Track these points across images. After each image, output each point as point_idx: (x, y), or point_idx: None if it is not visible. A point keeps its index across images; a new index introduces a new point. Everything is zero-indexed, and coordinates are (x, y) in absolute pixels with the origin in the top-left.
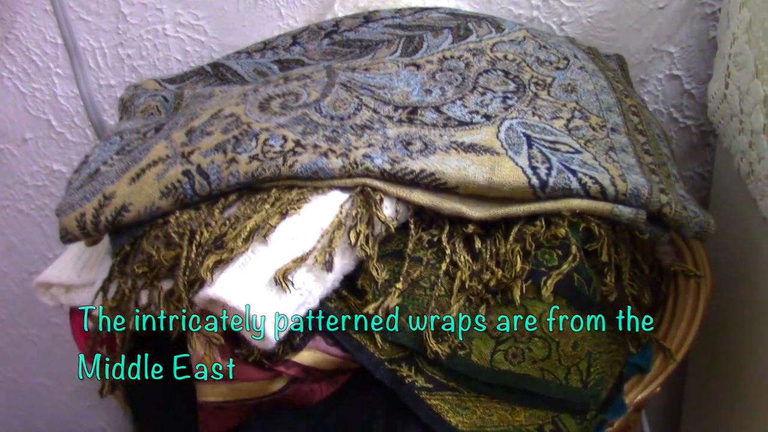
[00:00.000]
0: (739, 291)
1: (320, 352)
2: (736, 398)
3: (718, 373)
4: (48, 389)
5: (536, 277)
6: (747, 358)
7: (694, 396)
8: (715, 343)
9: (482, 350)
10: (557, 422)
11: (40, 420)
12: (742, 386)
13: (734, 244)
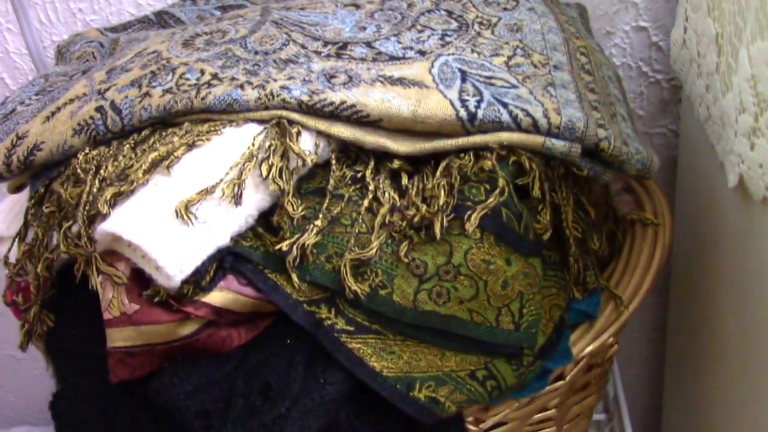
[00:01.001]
0: (705, 246)
1: (232, 292)
2: (716, 363)
3: (696, 339)
4: (20, 363)
5: (461, 211)
6: (721, 318)
7: (674, 372)
8: (690, 306)
9: (405, 289)
10: (490, 368)
11: (12, 394)
12: (719, 349)
13: (701, 196)
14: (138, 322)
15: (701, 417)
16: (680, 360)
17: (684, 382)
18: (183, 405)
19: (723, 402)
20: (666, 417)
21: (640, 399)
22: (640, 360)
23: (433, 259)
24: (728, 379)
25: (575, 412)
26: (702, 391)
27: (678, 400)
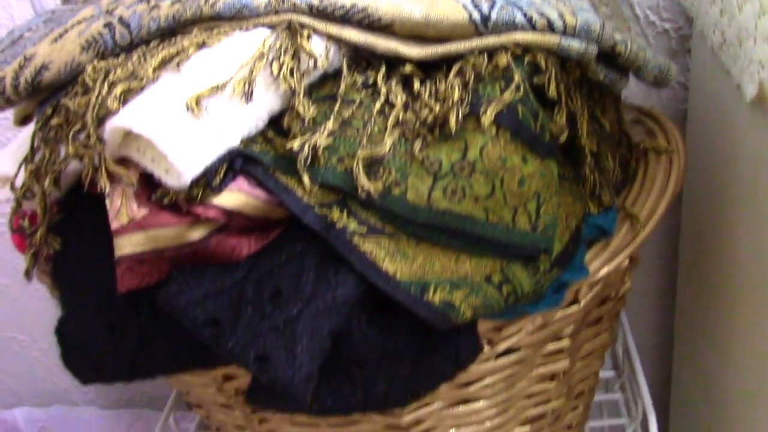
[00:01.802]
0: (720, 185)
1: (243, 193)
2: (731, 316)
3: (709, 295)
4: (21, 345)
5: (476, 106)
6: (742, 264)
7: (685, 336)
8: (703, 257)
9: (419, 188)
10: (506, 273)
11: (12, 378)
12: (736, 301)
13: (714, 150)
14: (147, 225)
15: (714, 379)
16: (691, 321)
17: (696, 344)
18: (192, 313)
19: (739, 360)
20: (676, 382)
21: (649, 365)
22: (648, 328)
23: (448, 156)
24: (744, 332)
25: (588, 349)
26: (715, 348)
27: (689, 365)
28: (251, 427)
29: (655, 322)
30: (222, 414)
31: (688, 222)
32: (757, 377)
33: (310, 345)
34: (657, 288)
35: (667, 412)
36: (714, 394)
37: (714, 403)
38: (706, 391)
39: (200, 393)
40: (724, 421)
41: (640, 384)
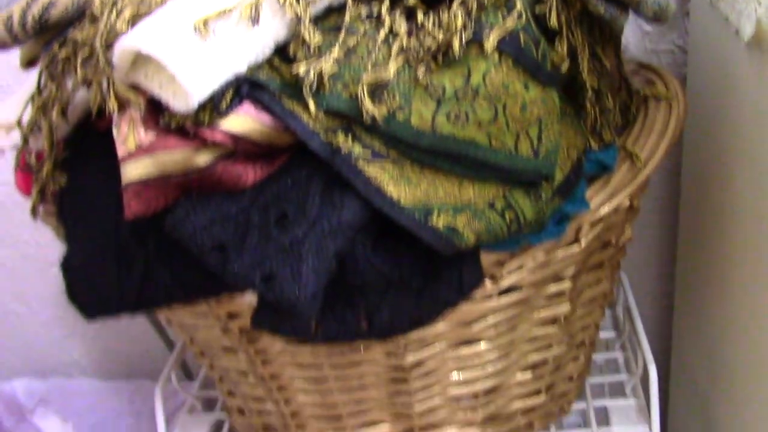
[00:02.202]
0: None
1: (249, 118)
2: (732, 272)
3: (707, 233)
4: (20, 317)
5: (478, 33)
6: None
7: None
8: (702, 196)
9: (423, 112)
10: (509, 199)
11: (11, 351)
12: (736, 255)
13: (713, 113)
14: (154, 149)
15: (714, 344)
16: (692, 285)
17: (696, 308)
18: (198, 239)
19: (740, 321)
20: (676, 349)
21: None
22: (649, 299)
23: (451, 82)
24: (745, 290)
25: (589, 295)
26: (716, 311)
27: (689, 333)
28: (254, 371)
29: (655, 293)
30: (226, 360)
31: (687, 187)
32: (758, 338)
33: (316, 265)
34: (658, 257)
35: (667, 381)
36: (714, 357)
37: (715, 368)
38: (707, 356)
39: (205, 337)
40: (723, 385)
41: (641, 339)
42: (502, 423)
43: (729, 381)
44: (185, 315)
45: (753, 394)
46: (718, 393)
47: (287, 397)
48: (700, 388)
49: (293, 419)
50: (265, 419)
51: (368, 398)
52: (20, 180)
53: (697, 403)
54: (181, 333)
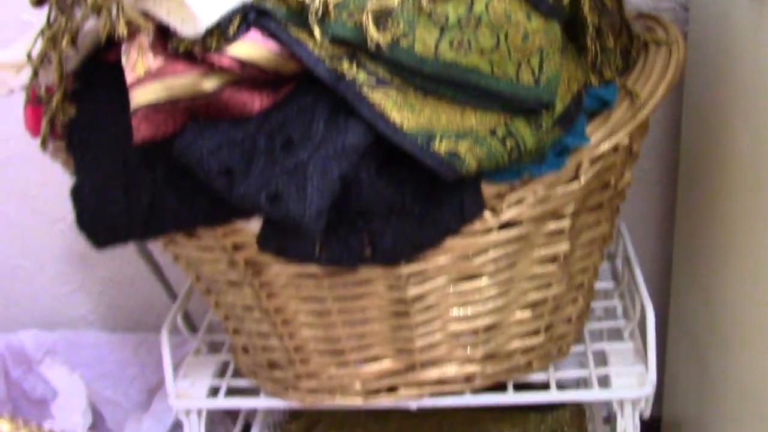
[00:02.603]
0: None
1: (256, 44)
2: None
3: (706, 187)
4: (27, 272)
5: None
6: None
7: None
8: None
9: (426, 39)
10: (510, 127)
11: (18, 306)
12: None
13: (713, 69)
14: (162, 74)
15: (712, 289)
16: (691, 236)
17: (694, 255)
18: (206, 162)
19: (738, 272)
20: (674, 303)
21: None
22: (647, 255)
23: (455, 9)
24: (743, 239)
25: (588, 237)
26: (715, 260)
27: (688, 288)
28: (259, 305)
29: (654, 249)
30: (231, 295)
31: (687, 143)
32: (754, 287)
33: (320, 184)
34: (657, 213)
35: (665, 331)
36: (712, 306)
37: (712, 317)
38: (704, 305)
39: (211, 273)
40: (720, 333)
41: (639, 284)
42: (501, 361)
43: (726, 329)
44: (192, 249)
45: (749, 341)
46: (715, 341)
47: (291, 331)
48: (697, 337)
49: (297, 354)
50: (270, 356)
51: (371, 332)
52: (30, 116)
53: (695, 352)
54: (188, 270)
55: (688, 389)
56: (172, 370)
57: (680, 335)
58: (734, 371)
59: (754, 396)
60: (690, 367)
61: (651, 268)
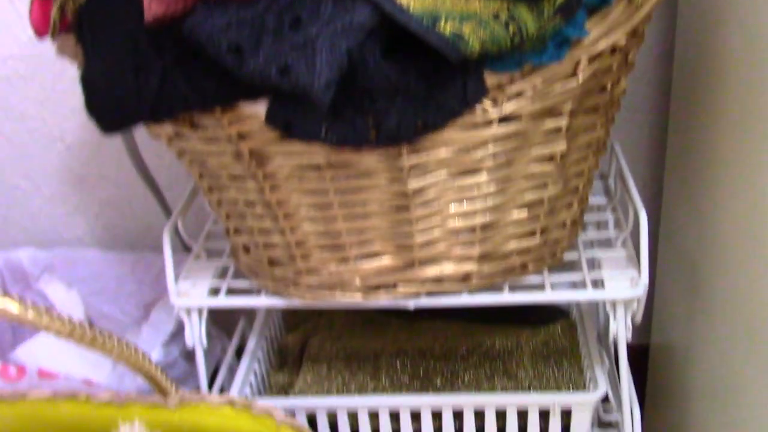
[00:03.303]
0: None
1: None
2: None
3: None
4: (24, 193)
5: None
6: None
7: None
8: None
9: None
10: (513, 11)
11: (16, 226)
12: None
13: None
14: None
15: (704, 207)
16: (682, 149)
17: (686, 173)
18: (215, 40)
19: (729, 196)
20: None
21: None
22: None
23: None
24: (733, 158)
25: (584, 140)
26: (704, 177)
27: (678, 209)
28: (262, 198)
29: (645, 175)
30: (234, 190)
31: (680, 65)
32: (744, 205)
33: (329, 57)
34: (650, 140)
35: (656, 248)
36: (703, 223)
37: (704, 233)
38: (696, 222)
39: (215, 167)
40: (712, 249)
41: (632, 193)
42: (497, 261)
43: (717, 250)
44: (197, 142)
45: (739, 256)
46: (706, 262)
47: (293, 225)
48: (687, 261)
49: (298, 249)
50: (270, 253)
51: (371, 227)
52: (36, 11)
53: (685, 275)
54: (192, 167)
55: (678, 317)
56: (174, 271)
57: (671, 259)
58: (724, 294)
59: (742, 320)
60: (680, 292)
61: (643, 193)
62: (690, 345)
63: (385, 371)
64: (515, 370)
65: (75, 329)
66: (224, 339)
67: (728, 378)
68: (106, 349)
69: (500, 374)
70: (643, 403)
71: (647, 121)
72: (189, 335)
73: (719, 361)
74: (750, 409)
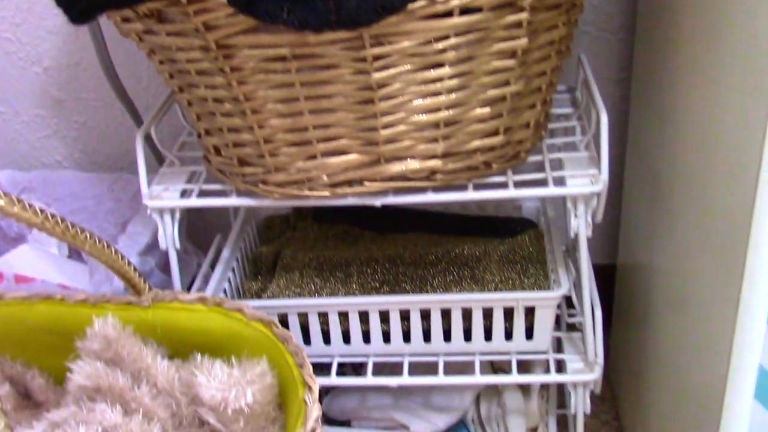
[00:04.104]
0: None
1: None
2: None
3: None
4: (2, 118)
5: None
6: None
7: None
8: None
9: None
10: None
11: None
12: None
13: None
14: None
15: (667, 117)
16: (648, 60)
17: (651, 86)
18: None
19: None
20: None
21: None
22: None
23: None
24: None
25: (545, 38)
26: (669, 86)
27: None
28: (231, 93)
29: (614, 97)
30: (203, 88)
31: None
32: (704, 115)
33: None
34: (617, 59)
35: (622, 163)
36: (666, 133)
37: (666, 144)
38: (659, 132)
39: (184, 64)
40: (674, 161)
41: (596, 99)
42: (461, 159)
43: (678, 156)
44: (166, 38)
45: (698, 167)
46: (668, 167)
47: (260, 120)
48: (652, 165)
49: (266, 145)
50: (240, 151)
51: (337, 121)
52: None
53: (649, 177)
54: (162, 68)
55: (642, 236)
56: (146, 177)
57: (636, 175)
58: (682, 204)
59: (699, 231)
60: (644, 209)
61: (612, 112)
62: (653, 262)
63: (356, 278)
64: (482, 276)
65: (57, 224)
66: (200, 256)
67: (685, 289)
68: (85, 246)
69: (467, 280)
70: (610, 321)
71: (616, 41)
72: (162, 237)
73: (678, 274)
74: (707, 320)
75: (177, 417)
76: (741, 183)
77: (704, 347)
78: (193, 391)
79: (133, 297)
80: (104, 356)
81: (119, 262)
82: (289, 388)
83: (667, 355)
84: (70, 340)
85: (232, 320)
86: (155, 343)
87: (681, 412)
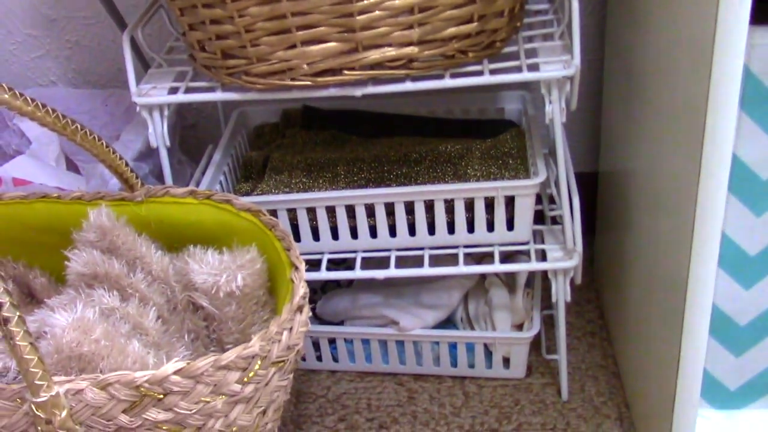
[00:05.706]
0: None
1: None
2: None
3: None
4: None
5: None
6: None
7: None
8: None
9: None
10: None
11: None
12: None
13: None
14: None
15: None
16: None
17: None
18: None
19: None
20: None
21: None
22: None
23: None
24: None
25: None
26: None
27: None
28: None
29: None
30: None
31: None
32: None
33: None
34: None
35: (600, 71)
36: (641, 44)
37: (640, 52)
38: (638, 50)
39: None
40: (653, 70)
41: None
42: (437, 46)
43: (650, 53)
44: None
45: (666, 63)
46: (641, 64)
47: (241, 8)
48: (627, 64)
49: (248, 35)
50: (223, 44)
51: (314, 7)
52: None
53: (624, 77)
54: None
55: (620, 143)
56: (135, 79)
57: (614, 83)
58: (659, 103)
59: (672, 132)
60: (621, 114)
61: (590, 14)
62: (628, 167)
63: (343, 177)
64: (465, 171)
65: (48, 113)
66: (194, 167)
67: (655, 185)
68: (76, 137)
69: (450, 176)
70: (594, 229)
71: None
72: (152, 134)
73: (649, 176)
74: (677, 215)
75: (172, 302)
76: (698, 77)
77: (672, 232)
78: (186, 277)
79: (126, 193)
80: (100, 246)
81: (111, 155)
82: (279, 273)
83: (644, 249)
84: (68, 238)
85: (222, 212)
86: (149, 237)
87: (653, 296)
